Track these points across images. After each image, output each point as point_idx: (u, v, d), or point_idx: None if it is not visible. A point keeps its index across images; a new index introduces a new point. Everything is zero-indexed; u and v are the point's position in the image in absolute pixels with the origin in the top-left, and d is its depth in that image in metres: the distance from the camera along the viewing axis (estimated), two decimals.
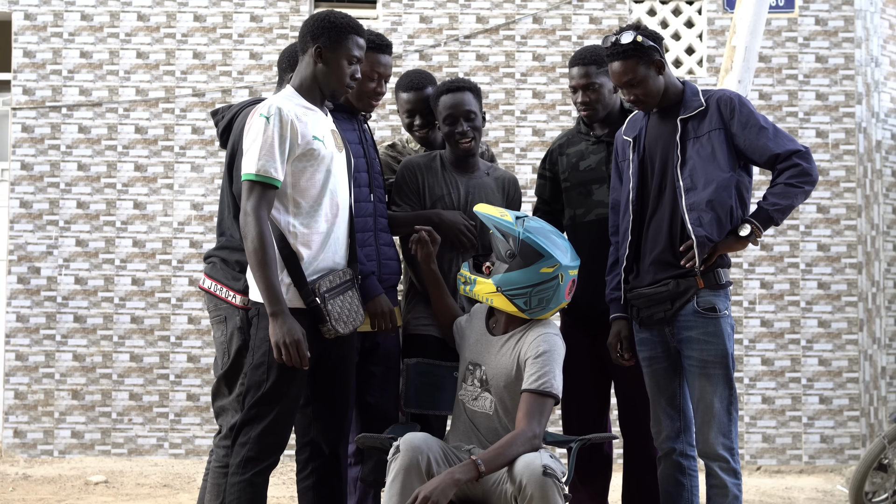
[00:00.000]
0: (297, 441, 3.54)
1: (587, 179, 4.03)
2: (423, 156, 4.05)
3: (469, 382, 3.54)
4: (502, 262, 3.47)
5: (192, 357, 7.43)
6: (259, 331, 3.27)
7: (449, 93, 3.91)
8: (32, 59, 7.57)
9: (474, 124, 3.90)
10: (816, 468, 7.44)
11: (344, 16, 3.39)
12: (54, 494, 6.40)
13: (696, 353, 3.57)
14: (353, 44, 3.37)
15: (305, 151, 3.27)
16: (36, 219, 7.49)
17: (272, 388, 3.23)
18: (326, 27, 3.34)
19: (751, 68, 5.71)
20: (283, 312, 3.15)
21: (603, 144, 4.06)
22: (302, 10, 7.61)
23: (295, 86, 3.41)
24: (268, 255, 3.15)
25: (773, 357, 7.52)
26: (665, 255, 3.62)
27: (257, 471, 3.24)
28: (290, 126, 3.24)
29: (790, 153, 3.53)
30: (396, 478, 3.17)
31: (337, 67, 3.36)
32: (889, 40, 7.86)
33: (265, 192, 3.20)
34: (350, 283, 3.36)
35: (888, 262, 7.71)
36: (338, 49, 3.35)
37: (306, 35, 3.37)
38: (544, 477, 3.07)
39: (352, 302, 3.35)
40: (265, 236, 3.16)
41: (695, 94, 3.66)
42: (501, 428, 3.45)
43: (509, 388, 3.44)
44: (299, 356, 3.15)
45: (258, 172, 3.20)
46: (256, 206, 3.18)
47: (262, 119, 3.23)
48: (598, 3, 7.65)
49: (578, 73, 4.00)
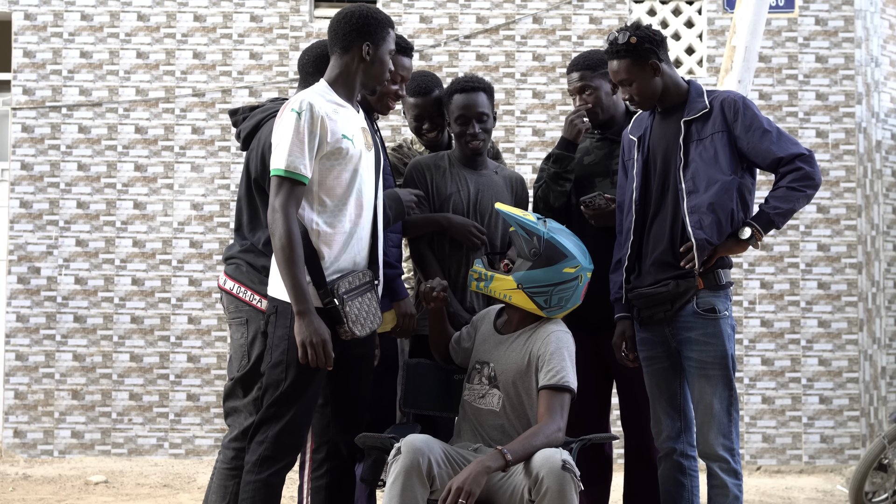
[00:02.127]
0: (315, 440, 3.52)
1: (590, 172, 4.06)
2: (431, 156, 4.05)
3: (476, 381, 3.54)
4: (526, 259, 3.50)
5: (192, 357, 7.43)
6: (277, 329, 3.24)
7: (463, 92, 3.90)
8: (32, 59, 7.57)
9: (485, 126, 3.91)
10: (816, 468, 7.44)
11: (380, 11, 3.40)
12: (54, 494, 6.40)
13: (696, 354, 3.57)
14: (392, 38, 3.41)
15: (334, 150, 3.24)
16: (36, 219, 7.49)
17: (290, 387, 3.21)
18: (373, 24, 3.34)
19: (751, 68, 5.71)
20: (311, 311, 3.13)
21: (607, 141, 4.09)
22: (302, 10, 7.61)
23: (329, 80, 3.37)
24: (296, 252, 3.13)
25: (773, 357, 7.52)
26: (666, 256, 3.63)
27: (273, 471, 3.23)
28: (320, 122, 3.21)
29: (793, 157, 3.54)
30: (397, 479, 3.16)
31: (382, 63, 3.37)
32: (889, 40, 7.86)
33: (294, 188, 3.18)
34: (369, 285, 3.33)
35: (888, 262, 7.71)
36: (383, 45, 3.36)
37: (351, 32, 3.33)
38: (563, 471, 3.10)
39: (370, 304, 3.31)
40: (293, 234, 3.13)
41: (699, 96, 3.66)
42: (508, 425, 3.47)
43: (518, 383, 3.46)
44: (325, 356, 3.13)
45: (287, 168, 3.17)
46: (285, 202, 3.15)
47: (294, 114, 3.20)
48: (598, 3, 7.65)
49: (574, 79, 4.05)
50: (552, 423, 3.29)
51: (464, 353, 3.68)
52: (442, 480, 3.22)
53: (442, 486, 3.22)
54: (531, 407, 3.49)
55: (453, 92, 3.93)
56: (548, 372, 3.39)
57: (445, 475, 3.24)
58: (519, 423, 3.47)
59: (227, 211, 7.45)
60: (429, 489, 3.21)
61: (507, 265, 3.56)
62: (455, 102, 3.90)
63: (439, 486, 3.22)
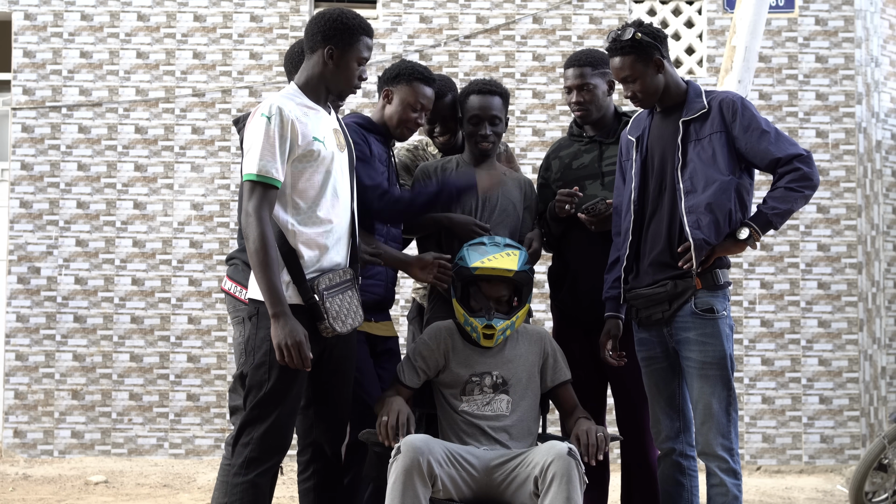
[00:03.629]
0: (299, 442, 3.54)
1: (580, 176, 4.05)
2: (438, 160, 4.09)
3: (476, 393, 3.57)
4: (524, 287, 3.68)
5: (192, 357, 7.44)
6: (259, 330, 3.26)
7: (480, 94, 3.94)
8: (32, 59, 7.57)
9: (497, 129, 3.96)
10: (816, 468, 7.44)
11: (355, 16, 3.38)
12: (54, 494, 6.40)
13: (694, 354, 3.57)
14: (363, 45, 3.37)
15: (305, 152, 3.26)
16: (36, 219, 7.50)
17: (273, 388, 3.23)
18: (339, 28, 3.33)
19: (751, 68, 5.71)
20: (285, 314, 3.14)
21: (595, 144, 4.09)
22: (302, 10, 7.61)
23: (300, 84, 3.39)
24: (269, 255, 3.14)
25: (773, 357, 7.52)
26: (664, 257, 3.63)
27: (260, 471, 3.24)
28: (290, 126, 3.22)
29: (791, 157, 3.53)
30: (398, 479, 3.19)
31: (347, 69, 3.35)
32: (889, 40, 7.86)
33: (266, 192, 3.19)
34: (350, 283, 3.35)
35: (888, 262, 7.71)
36: (349, 51, 3.34)
37: (317, 34, 3.34)
38: (569, 457, 3.20)
39: (351, 301, 3.33)
40: (267, 237, 3.15)
41: (698, 96, 3.66)
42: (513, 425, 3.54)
43: (530, 383, 3.62)
44: (301, 358, 3.14)
45: (259, 173, 3.19)
46: (258, 206, 3.17)
47: (264, 119, 3.21)
48: (598, 3, 7.65)
49: (573, 74, 4.05)
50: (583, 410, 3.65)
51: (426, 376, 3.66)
52: (444, 481, 3.25)
53: (443, 485, 3.25)
54: (533, 404, 3.61)
55: (470, 93, 3.97)
56: (563, 369, 3.69)
57: (447, 476, 3.27)
58: (523, 422, 3.57)
59: (227, 211, 7.45)
60: (430, 488, 3.23)
61: (517, 302, 3.67)
62: (470, 102, 3.94)
63: (440, 486, 3.25)
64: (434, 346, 3.63)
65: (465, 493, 3.33)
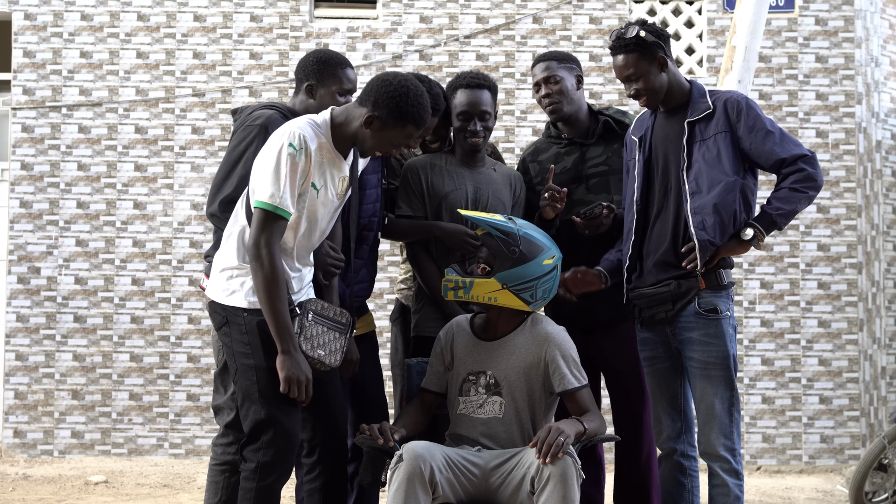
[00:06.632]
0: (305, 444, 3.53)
1: (563, 181, 3.98)
2: (426, 156, 4.03)
3: (472, 393, 3.51)
4: (505, 259, 3.46)
5: (192, 357, 7.43)
6: (235, 343, 3.24)
7: (468, 88, 3.88)
8: (32, 59, 7.56)
9: (487, 124, 3.89)
10: (816, 468, 7.44)
11: (419, 101, 3.24)
12: (54, 494, 6.40)
13: (697, 354, 3.57)
14: (410, 131, 3.26)
15: (301, 192, 3.21)
16: (36, 219, 7.49)
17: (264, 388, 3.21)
18: (400, 106, 3.20)
19: (751, 68, 5.71)
20: (296, 350, 3.15)
21: (576, 146, 4.05)
22: (302, 10, 7.61)
23: (335, 122, 3.28)
24: (281, 289, 3.12)
25: (773, 357, 7.52)
26: (668, 257, 3.62)
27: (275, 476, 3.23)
28: (310, 166, 3.18)
29: (796, 158, 3.53)
30: (400, 487, 3.17)
31: (385, 142, 3.27)
32: (889, 40, 7.86)
33: (278, 223, 3.15)
34: (343, 328, 3.32)
35: (888, 262, 7.71)
36: (396, 127, 3.23)
37: (372, 94, 3.22)
38: (565, 456, 3.16)
39: (334, 342, 3.30)
40: (279, 271, 3.12)
41: (702, 96, 3.65)
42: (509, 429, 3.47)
43: (522, 386, 3.47)
44: (305, 394, 3.17)
45: (276, 205, 3.13)
46: (270, 239, 3.12)
47: (291, 150, 3.13)
48: (598, 3, 7.65)
49: (539, 69, 4.02)
50: (599, 415, 3.45)
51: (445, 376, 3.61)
52: (443, 486, 3.23)
53: (443, 492, 3.23)
54: (532, 408, 3.49)
55: (458, 87, 3.90)
56: (570, 374, 3.46)
57: (446, 481, 3.25)
58: (520, 426, 3.48)
59: None
60: (431, 495, 3.21)
61: (483, 269, 3.51)
62: (458, 98, 3.88)
63: (441, 492, 3.24)
64: (444, 341, 3.60)
65: (464, 497, 3.32)
